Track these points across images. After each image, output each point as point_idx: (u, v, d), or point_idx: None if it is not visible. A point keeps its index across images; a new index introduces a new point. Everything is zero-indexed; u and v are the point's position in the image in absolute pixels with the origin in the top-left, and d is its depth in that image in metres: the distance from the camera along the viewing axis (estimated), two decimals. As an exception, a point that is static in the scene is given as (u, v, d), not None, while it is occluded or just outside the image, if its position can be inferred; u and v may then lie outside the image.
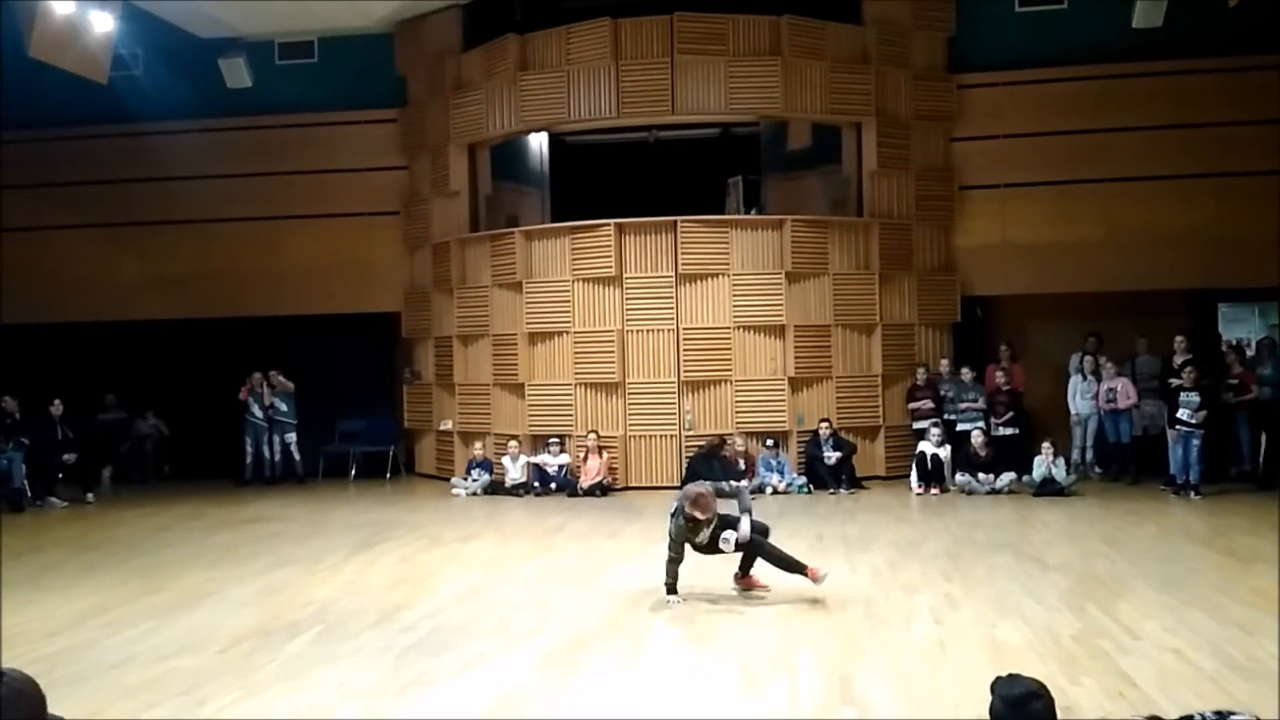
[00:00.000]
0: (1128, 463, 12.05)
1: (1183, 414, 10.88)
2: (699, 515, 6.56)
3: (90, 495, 12.50)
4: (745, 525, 6.64)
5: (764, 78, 12.57)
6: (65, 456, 12.49)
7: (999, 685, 2.85)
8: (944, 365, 12.78)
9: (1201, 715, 2.93)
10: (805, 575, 6.59)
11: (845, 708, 4.66)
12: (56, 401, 12.69)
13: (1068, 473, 11.35)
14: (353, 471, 14.15)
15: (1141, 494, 11.12)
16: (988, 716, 2.82)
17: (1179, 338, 11.71)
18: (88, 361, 14.55)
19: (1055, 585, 6.97)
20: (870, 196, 13.09)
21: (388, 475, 14.12)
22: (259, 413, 13.66)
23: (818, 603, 6.57)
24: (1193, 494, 10.68)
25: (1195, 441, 10.82)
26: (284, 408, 13.76)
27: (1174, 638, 5.61)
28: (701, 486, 6.72)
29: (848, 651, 5.54)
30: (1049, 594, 6.70)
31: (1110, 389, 11.92)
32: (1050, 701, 2.78)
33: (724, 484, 7.23)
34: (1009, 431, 12.13)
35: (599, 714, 4.70)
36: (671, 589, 6.65)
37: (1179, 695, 4.63)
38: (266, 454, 13.74)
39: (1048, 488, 11.09)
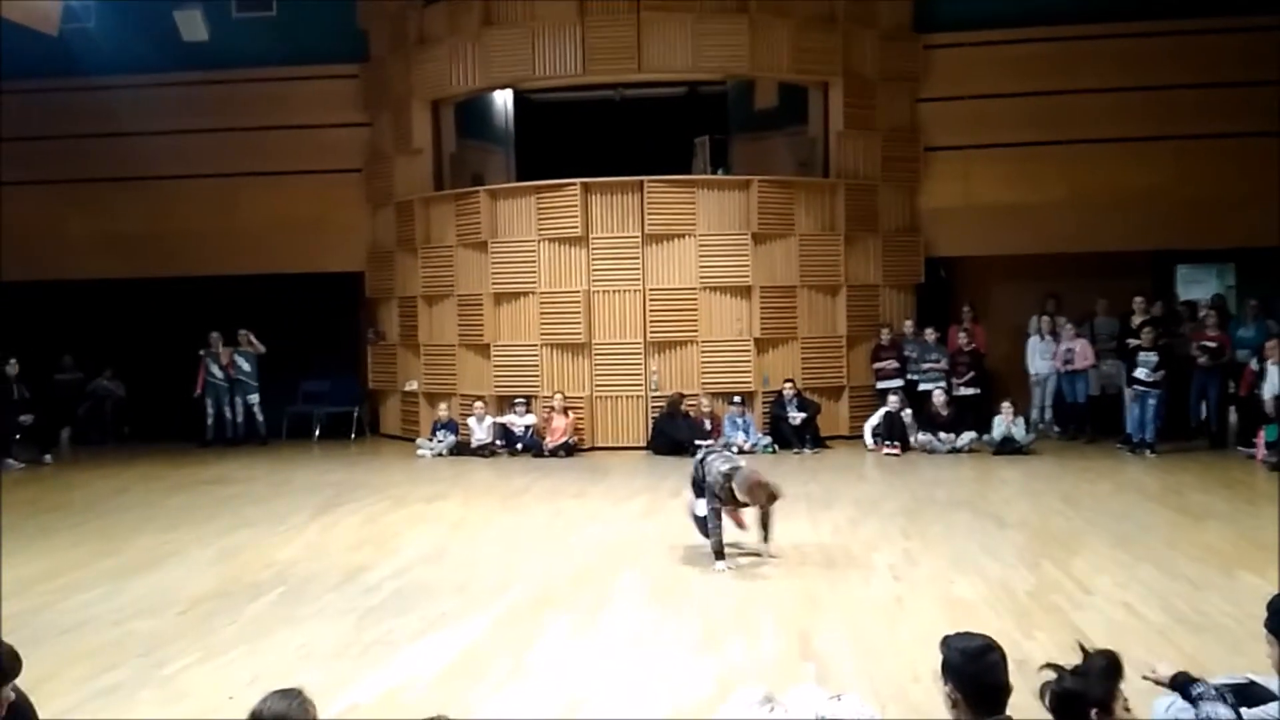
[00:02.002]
0: (1085, 422, 12.24)
1: (1140, 373, 11.04)
2: (745, 499, 6.46)
3: (47, 456, 12.32)
4: (701, 507, 6.64)
5: (731, 35, 12.43)
6: (22, 417, 12.27)
7: (954, 640, 2.89)
8: (908, 326, 12.85)
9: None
10: (718, 560, 6.47)
11: (804, 663, 4.72)
12: (12, 361, 12.43)
13: (1027, 432, 11.50)
14: (316, 432, 14.03)
15: (1098, 452, 11.30)
16: (940, 671, 2.86)
17: (1138, 298, 11.86)
18: (45, 321, 14.27)
19: (1012, 542, 7.08)
20: (836, 157, 13.06)
21: (352, 436, 14.02)
22: (218, 373, 13.51)
23: (779, 560, 6.63)
24: (1148, 452, 10.87)
25: (1151, 401, 10.99)
26: (247, 368, 13.60)
27: (1125, 592, 5.73)
28: (761, 477, 6.49)
29: (807, 608, 5.61)
30: (1006, 550, 6.81)
31: (1068, 349, 12.06)
32: (1003, 654, 2.83)
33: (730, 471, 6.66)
34: (970, 391, 12.25)
35: (561, 672, 4.73)
36: (719, 554, 6.48)
37: (1129, 649, 4.69)
38: (228, 414, 13.60)
39: (1007, 446, 11.23)
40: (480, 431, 12.30)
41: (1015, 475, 9.99)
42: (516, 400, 12.35)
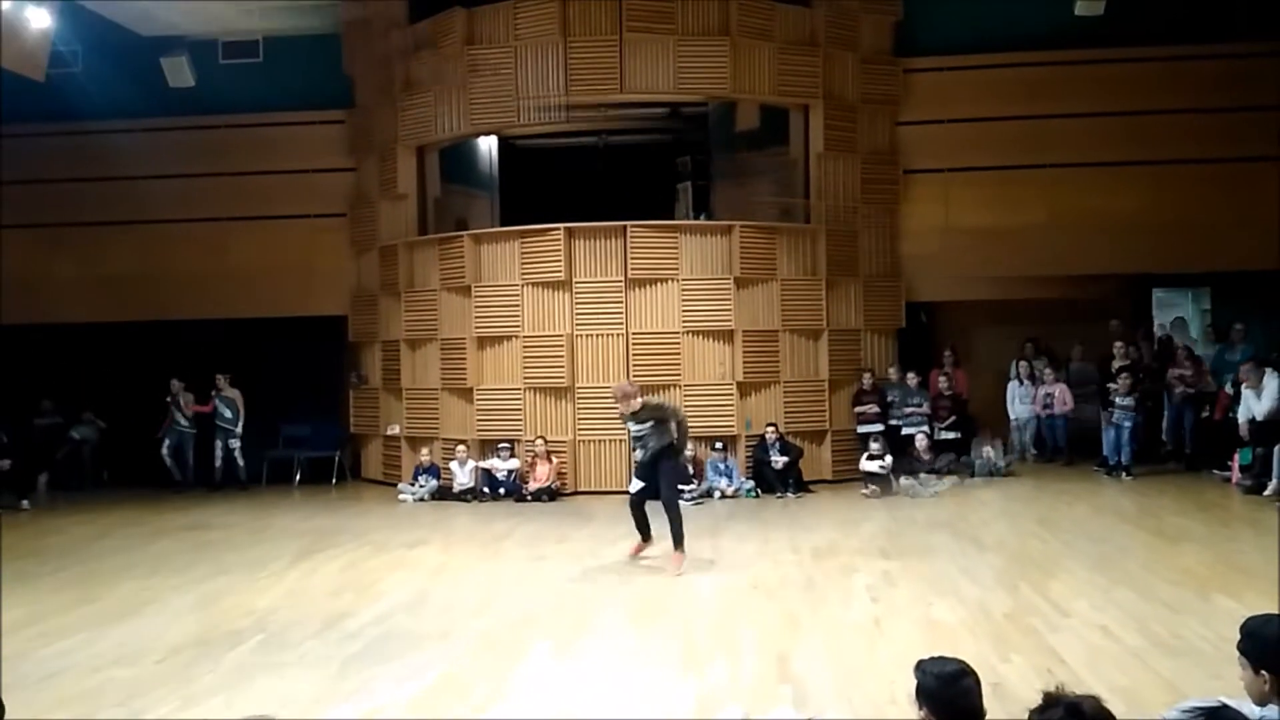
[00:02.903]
0: (1061, 445, 12.32)
1: (1115, 398, 11.15)
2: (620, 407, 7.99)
3: (25, 502, 12.18)
4: (635, 486, 8.03)
5: (713, 58, 12.54)
6: (-1, 463, 12.18)
7: (928, 664, 2.91)
8: (891, 371, 12.95)
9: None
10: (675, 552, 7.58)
11: (782, 685, 4.72)
12: (-11, 406, 12.36)
13: (1006, 452, 11.54)
14: (297, 477, 13.93)
15: (1075, 475, 11.36)
16: (915, 695, 2.87)
17: (1118, 344, 11.95)
18: (24, 366, 14.19)
19: (990, 564, 7.11)
20: (817, 179, 13.12)
21: (333, 481, 13.94)
22: (183, 420, 13.43)
23: (759, 582, 6.64)
24: (1124, 475, 10.96)
25: (1127, 424, 11.12)
26: (228, 414, 13.53)
27: (1102, 615, 5.75)
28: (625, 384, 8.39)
29: (787, 630, 5.61)
30: (984, 573, 6.83)
31: (1048, 394, 12.18)
32: (977, 679, 2.86)
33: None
34: (951, 435, 12.34)
35: (541, 698, 4.71)
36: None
37: (1105, 672, 4.77)
38: (190, 460, 13.56)
39: (985, 469, 11.27)
40: (462, 476, 12.26)
41: (993, 497, 10.05)
42: (500, 445, 12.33)
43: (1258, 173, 12.86)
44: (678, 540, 7.64)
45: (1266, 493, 9.64)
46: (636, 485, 8.08)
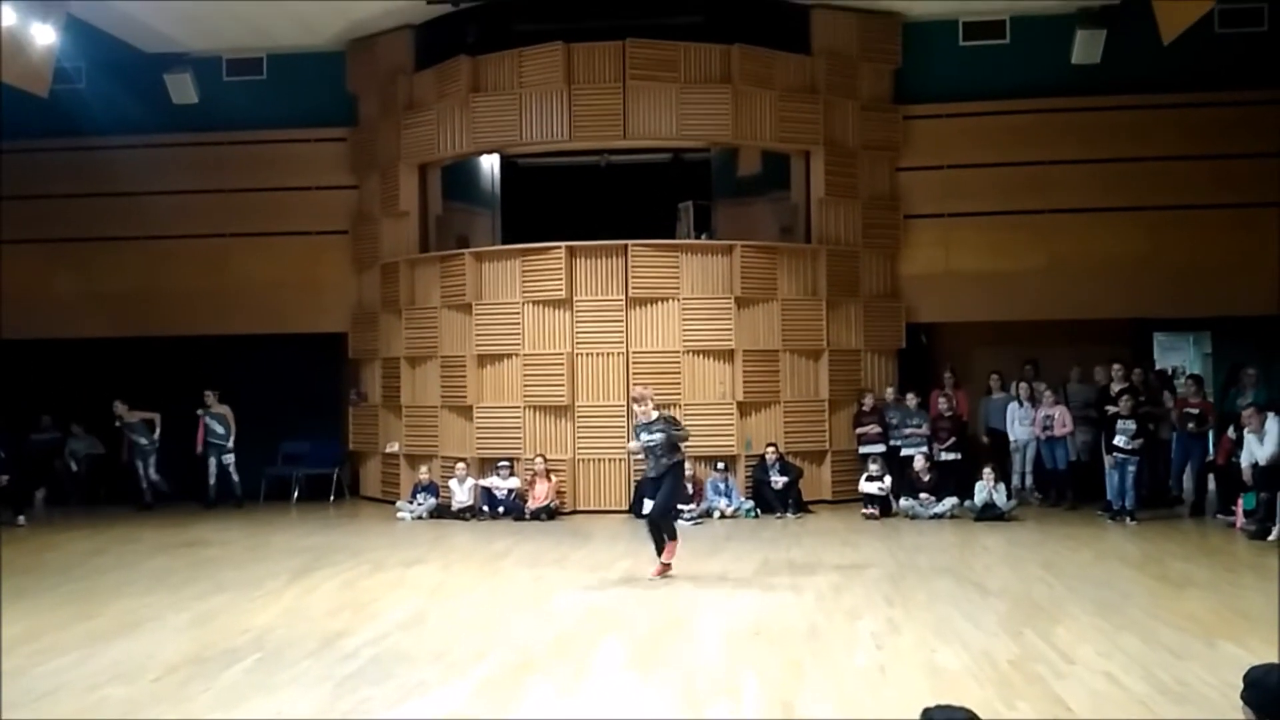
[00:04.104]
0: (1065, 488, 12.28)
1: (1119, 440, 11.12)
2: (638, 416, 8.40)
3: (21, 518, 12.14)
4: (634, 444, 8.50)
5: (715, 105, 12.70)
6: (-3, 478, 12.14)
7: (934, 713, 2.88)
8: (889, 392, 12.94)
9: None
10: (659, 557, 8.19)
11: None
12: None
13: (1008, 498, 11.53)
14: (295, 494, 13.91)
15: (1079, 519, 11.33)
16: None
17: (1116, 366, 11.97)
18: (23, 381, 14.17)
19: (994, 610, 7.07)
20: (818, 223, 13.26)
21: (331, 498, 13.91)
22: (143, 440, 13.34)
23: (762, 627, 6.60)
24: (1128, 519, 10.91)
25: (1131, 468, 11.07)
26: (220, 430, 13.44)
27: (1108, 662, 5.72)
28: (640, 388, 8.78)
29: (790, 676, 5.56)
30: (988, 618, 6.79)
31: (1047, 416, 12.15)
32: None
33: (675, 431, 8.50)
34: (951, 456, 12.31)
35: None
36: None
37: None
38: (148, 476, 13.36)
39: (989, 512, 11.25)
40: (461, 494, 12.23)
41: (997, 542, 10.00)
42: (500, 463, 12.30)
43: (1257, 218, 12.93)
44: (660, 548, 8.27)
45: (1271, 538, 9.60)
46: (649, 506, 8.29)
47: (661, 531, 8.33)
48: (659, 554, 8.31)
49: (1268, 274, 12.54)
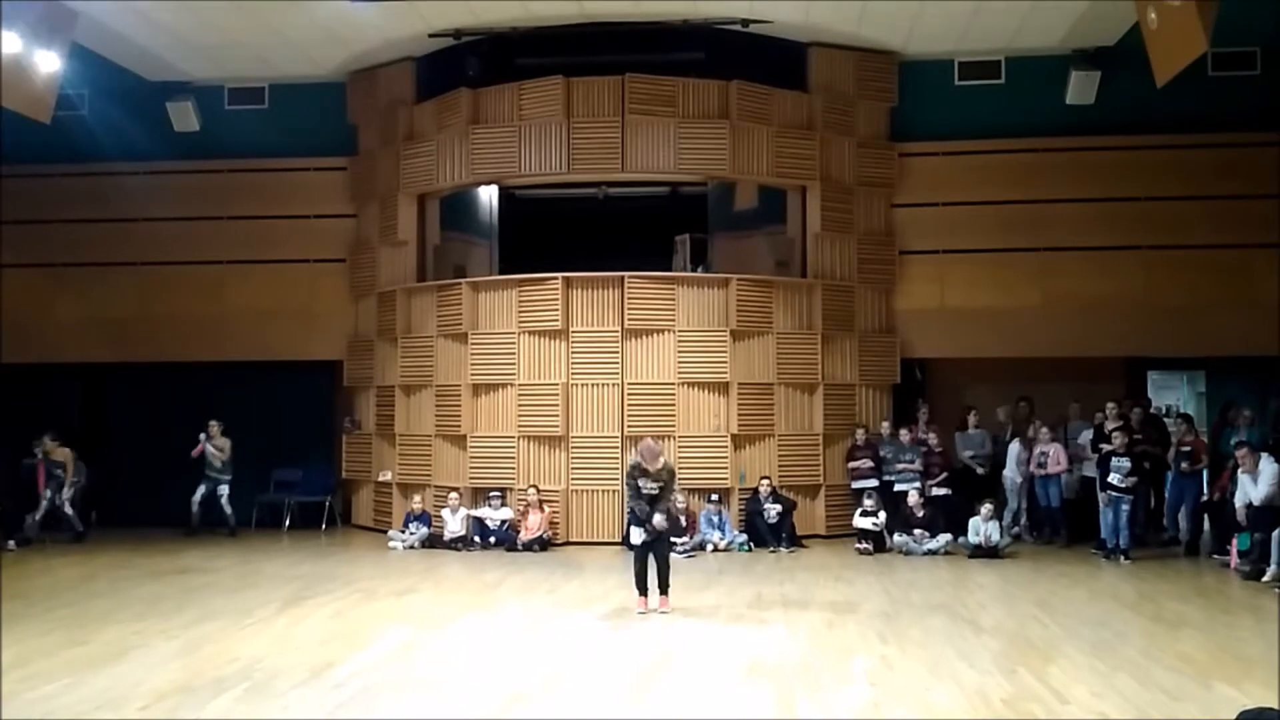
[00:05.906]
0: (1059, 526, 12.27)
1: (1113, 479, 11.12)
2: (645, 464, 8.20)
3: (12, 543, 12.07)
4: (660, 519, 8.17)
5: (712, 140, 12.82)
6: (-13, 503, 12.08)
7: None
8: (884, 427, 12.96)
9: None
10: (661, 596, 8.20)
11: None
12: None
13: (1002, 535, 11.52)
14: (287, 522, 13.85)
15: (1073, 557, 11.32)
16: None
17: (1110, 404, 12.00)
18: (18, 405, 14.14)
19: (988, 648, 7.05)
20: (814, 258, 13.35)
21: (323, 526, 13.86)
22: (59, 472, 12.80)
23: (755, 662, 6.57)
24: (1122, 558, 10.90)
25: (1125, 506, 11.07)
26: (217, 464, 13.21)
27: (1101, 702, 5.70)
28: (652, 443, 8.45)
29: (784, 712, 5.54)
30: (982, 656, 6.77)
31: (1042, 453, 12.16)
32: None
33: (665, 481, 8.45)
34: (943, 492, 12.30)
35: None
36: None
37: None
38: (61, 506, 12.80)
39: (983, 550, 11.23)
40: (453, 523, 12.20)
41: (991, 579, 9.97)
42: (493, 493, 12.28)
43: (1252, 258, 13.05)
44: (665, 587, 8.31)
45: (1265, 578, 9.58)
46: (639, 535, 8.26)
47: (646, 570, 8.27)
48: (640, 591, 8.23)
49: (1261, 313, 12.64)
